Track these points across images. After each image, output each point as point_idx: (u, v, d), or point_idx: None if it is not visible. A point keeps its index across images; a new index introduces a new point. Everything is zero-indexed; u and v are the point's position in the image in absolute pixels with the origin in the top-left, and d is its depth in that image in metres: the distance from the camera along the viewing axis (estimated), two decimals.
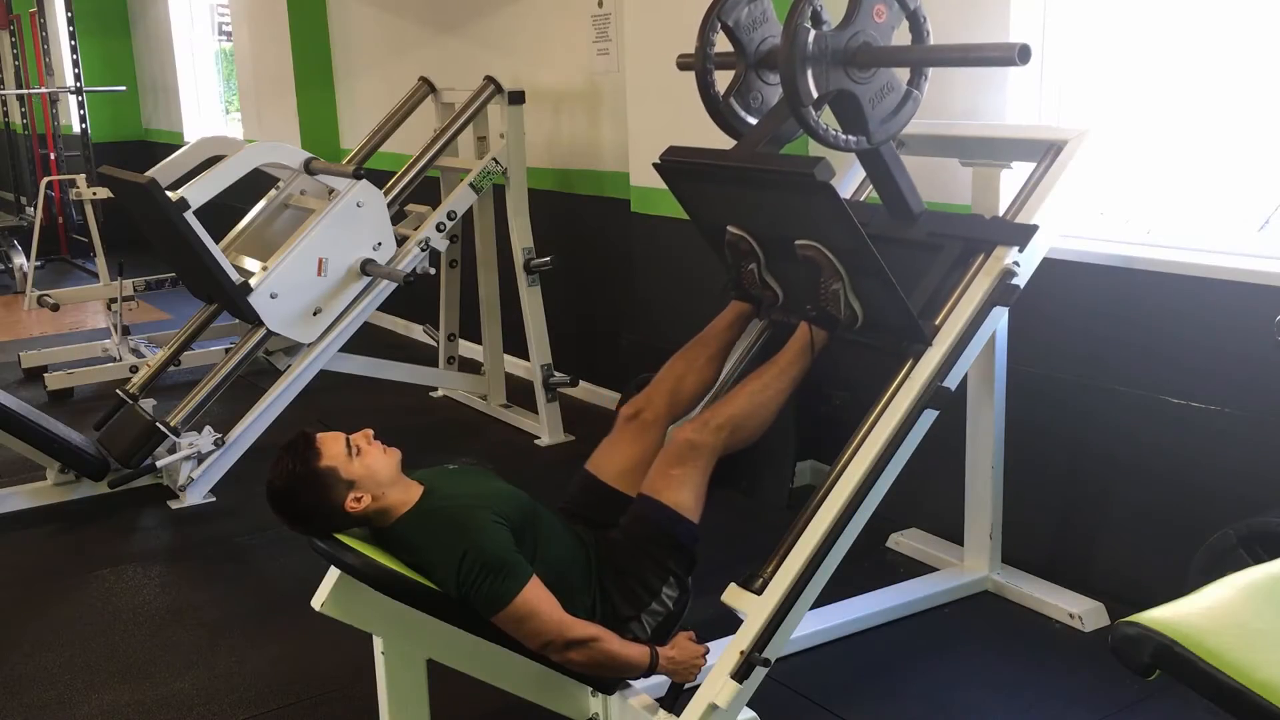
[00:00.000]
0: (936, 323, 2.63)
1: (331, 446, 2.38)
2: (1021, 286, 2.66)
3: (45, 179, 7.23)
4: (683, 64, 2.86)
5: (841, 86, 2.48)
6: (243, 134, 8.19)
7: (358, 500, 2.35)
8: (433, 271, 4.38)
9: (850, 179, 3.21)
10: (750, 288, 2.82)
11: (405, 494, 2.42)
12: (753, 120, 2.82)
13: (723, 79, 2.81)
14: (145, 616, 3.36)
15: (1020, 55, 2.30)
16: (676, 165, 2.78)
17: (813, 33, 2.42)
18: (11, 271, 8.45)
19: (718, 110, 2.82)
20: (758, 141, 2.73)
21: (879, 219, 2.87)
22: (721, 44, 2.76)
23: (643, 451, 2.73)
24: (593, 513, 2.68)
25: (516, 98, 4.63)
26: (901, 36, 2.58)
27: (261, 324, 4.16)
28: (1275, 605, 1.66)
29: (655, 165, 2.80)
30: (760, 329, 3.05)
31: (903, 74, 2.59)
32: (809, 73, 2.42)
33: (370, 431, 2.46)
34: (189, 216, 3.96)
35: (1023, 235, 2.66)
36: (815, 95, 2.45)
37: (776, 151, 2.79)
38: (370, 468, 2.38)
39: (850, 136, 2.55)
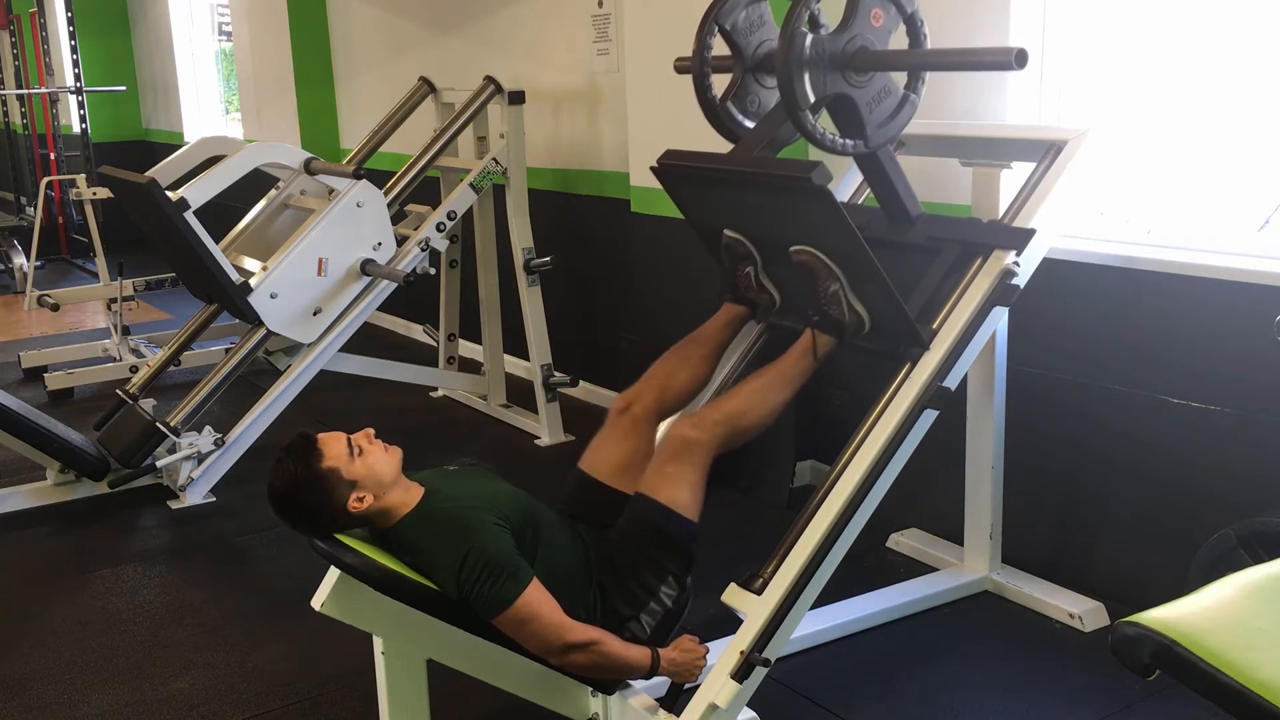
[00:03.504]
0: (934, 326, 2.62)
1: (333, 447, 2.37)
2: (1021, 286, 2.66)
3: (45, 179, 7.22)
4: (680, 68, 2.86)
5: (838, 91, 2.48)
6: (243, 134, 8.19)
7: (360, 500, 2.35)
8: (433, 271, 4.38)
9: (848, 182, 3.21)
10: (746, 291, 2.81)
11: (406, 494, 2.42)
12: (750, 124, 2.81)
13: (720, 82, 2.80)
14: (145, 616, 3.36)
15: (1017, 59, 2.29)
16: (674, 169, 2.77)
17: (810, 37, 2.41)
18: (11, 271, 8.45)
19: (715, 114, 2.80)
20: (755, 145, 2.72)
21: (876, 223, 2.86)
22: (719, 48, 2.75)
23: (634, 448, 2.72)
24: (590, 512, 2.67)
25: (516, 98, 4.63)
26: (899, 40, 2.57)
27: (261, 324, 4.16)
28: (1275, 605, 1.66)
29: (653, 168, 2.80)
30: (758, 332, 3.03)
31: (900, 77, 2.58)
32: (806, 77, 2.42)
33: (371, 431, 2.46)
34: (189, 216, 3.97)
35: (1020, 239, 2.65)
36: (812, 99, 2.44)
37: (774, 155, 2.78)
38: (372, 467, 2.38)
39: (848, 140, 2.55)
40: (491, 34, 5.55)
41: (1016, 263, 2.66)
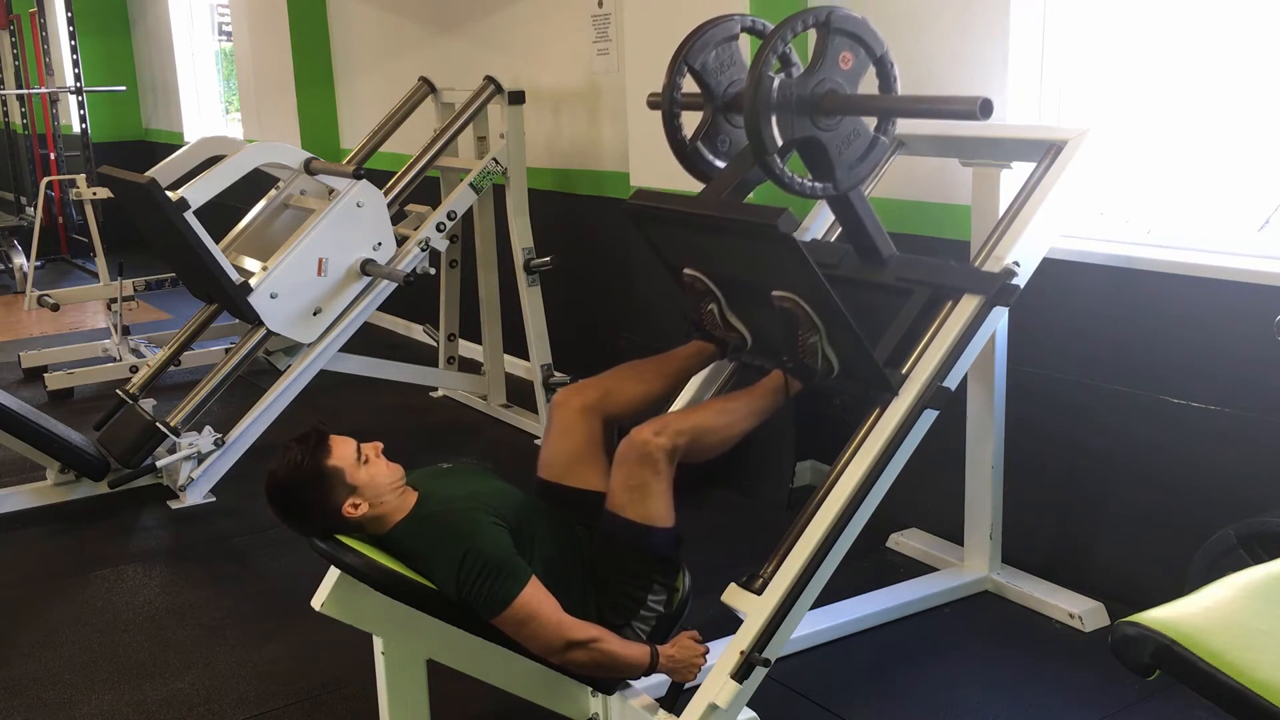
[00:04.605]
0: (904, 371, 2.59)
1: (342, 448, 2.37)
2: (1021, 286, 2.66)
3: (45, 179, 7.23)
4: (651, 104, 2.84)
5: (807, 134, 2.45)
6: (243, 134, 8.19)
7: (355, 506, 2.35)
8: (433, 271, 4.38)
9: (824, 218, 3.18)
10: (713, 329, 2.77)
11: (401, 501, 2.42)
12: (721, 164, 2.79)
13: (692, 120, 2.78)
14: (145, 616, 3.36)
15: (982, 109, 2.28)
16: (643, 210, 2.73)
17: (777, 80, 2.39)
18: (11, 271, 8.45)
19: (684, 154, 2.78)
20: (724, 187, 2.70)
21: (849, 261, 2.83)
22: (690, 85, 2.73)
23: (579, 440, 2.66)
24: (561, 514, 2.63)
25: (516, 98, 4.63)
26: (871, 78, 2.54)
27: (261, 324, 4.16)
28: (1275, 605, 1.66)
29: (623, 208, 2.75)
30: (731, 371, 2.97)
31: (870, 119, 2.56)
32: (773, 120, 2.39)
33: (381, 445, 2.45)
34: (189, 216, 3.97)
35: (989, 283, 2.62)
36: (780, 143, 2.42)
37: (745, 196, 2.74)
38: (374, 477, 2.38)
39: (817, 184, 2.52)
40: (491, 34, 5.55)
41: (1016, 262, 2.66)
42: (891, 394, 2.56)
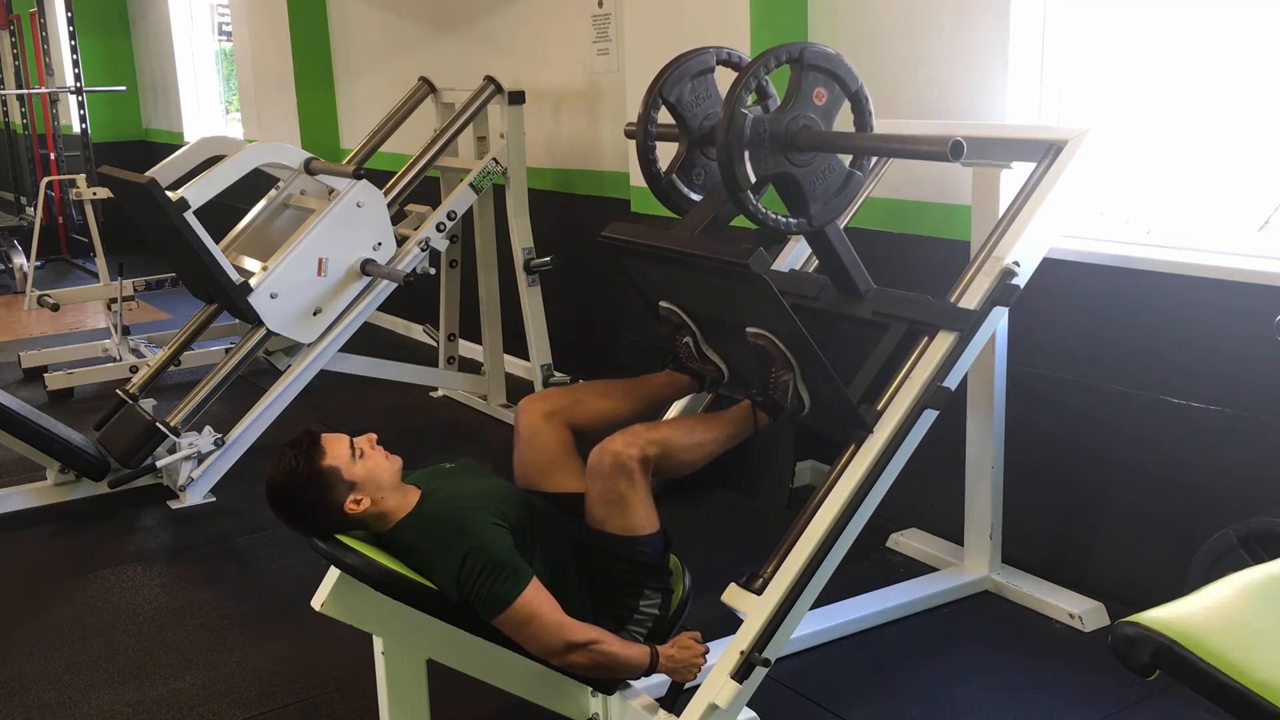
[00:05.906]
0: (879, 408, 2.57)
1: (335, 447, 2.37)
2: (1021, 286, 2.66)
3: (45, 179, 7.22)
4: (628, 133, 2.83)
5: (781, 170, 2.45)
6: (243, 134, 8.19)
7: (357, 502, 2.35)
8: (433, 271, 4.38)
9: (804, 246, 3.15)
10: (688, 361, 2.75)
11: (404, 499, 2.42)
12: (696, 196, 2.78)
13: (668, 150, 2.77)
14: (145, 616, 3.36)
15: (953, 151, 2.29)
16: (618, 243, 2.72)
17: (750, 117, 2.38)
18: (11, 271, 8.45)
19: (660, 187, 2.78)
20: (700, 221, 2.69)
21: (827, 294, 2.83)
22: (666, 117, 2.73)
23: (547, 446, 2.65)
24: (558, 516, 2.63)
25: (516, 98, 4.63)
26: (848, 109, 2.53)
27: (261, 324, 4.16)
28: (1275, 605, 1.66)
29: (598, 241, 2.74)
30: (708, 403, 2.97)
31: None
32: (746, 157, 2.39)
33: (374, 436, 2.46)
34: (189, 216, 3.97)
35: (965, 320, 2.61)
36: (753, 180, 2.41)
37: (720, 230, 2.74)
38: (372, 471, 2.37)
39: (792, 220, 2.51)
40: (491, 34, 5.55)
41: (1017, 262, 2.65)
42: (866, 431, 2.55)
